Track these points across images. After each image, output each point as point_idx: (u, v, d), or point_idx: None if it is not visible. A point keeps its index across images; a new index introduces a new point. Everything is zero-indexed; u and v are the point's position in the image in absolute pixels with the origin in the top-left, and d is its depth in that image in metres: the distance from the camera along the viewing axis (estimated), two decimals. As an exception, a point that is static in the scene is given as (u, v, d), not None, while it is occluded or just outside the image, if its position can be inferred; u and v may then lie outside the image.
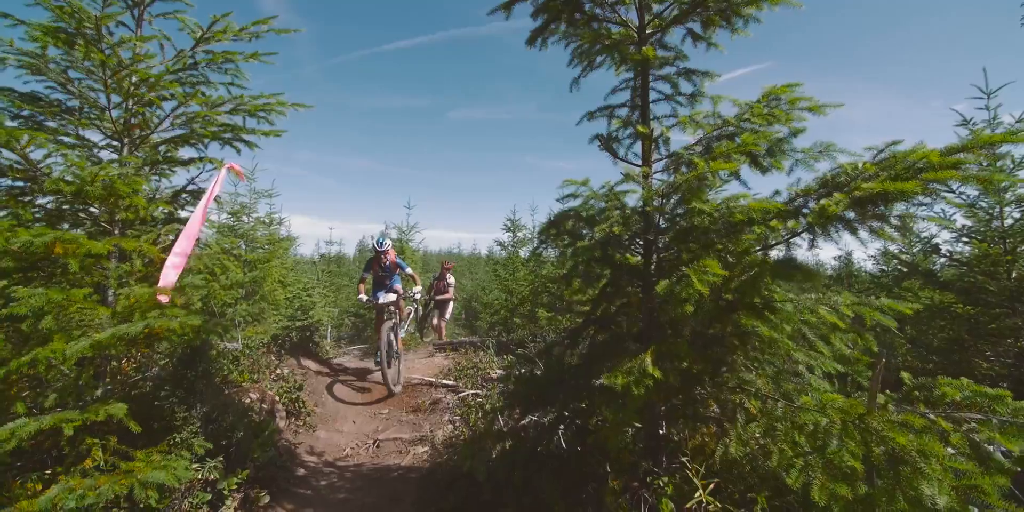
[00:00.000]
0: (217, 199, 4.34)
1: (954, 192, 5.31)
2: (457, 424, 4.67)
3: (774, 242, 2.28)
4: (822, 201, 1.97)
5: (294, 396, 4.64)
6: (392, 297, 5.99)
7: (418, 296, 6.54)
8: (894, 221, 2.08)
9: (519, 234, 10.89)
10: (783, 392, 2.20)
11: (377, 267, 6.30)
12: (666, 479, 2.18)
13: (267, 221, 9.68)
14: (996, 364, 6.15)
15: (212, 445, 2.85)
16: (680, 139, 2.91)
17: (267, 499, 2.94)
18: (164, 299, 2.73)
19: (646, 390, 1.96)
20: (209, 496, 2.74)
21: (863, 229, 1.98)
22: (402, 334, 6.46)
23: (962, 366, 6.34)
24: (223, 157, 3.99)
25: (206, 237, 4.27)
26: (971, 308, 6.73)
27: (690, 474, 1.98)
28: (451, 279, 9.27)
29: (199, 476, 2.77)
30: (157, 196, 3.72)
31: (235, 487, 2.83)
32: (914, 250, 7.61)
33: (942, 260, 8.21)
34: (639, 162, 2.89)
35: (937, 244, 8.38)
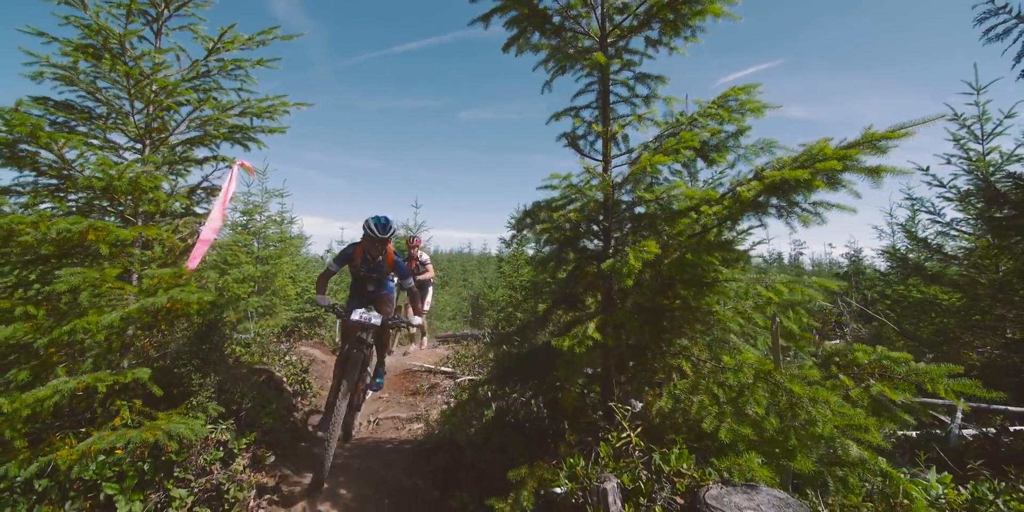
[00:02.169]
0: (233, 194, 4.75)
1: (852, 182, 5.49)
2: (451, 404, 5.02)
3: (712, 226, 2.59)
4: (738, 188, 2.28)
5: (300, 378, 5.02)
6: (375, 319, 3.64)
7: (417, 323, 4.03)
8: (807, 207, 2.40)
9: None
10: (713, 355, 2.51)
11: (360, 261, 4.01)
12: (614, 433, 2.51)
13: (279, 220, 10.15)
14: (985, 355, 6.36)
15: (224, 409, 3.24)
16: (647, 136, 3.20)
17: (272, 459, 3.31)
18: (192, 265, 3.17)
19: (587, 350, 2.29)
20: (221, 454, 3.12)
21: (775, 213, 2.29)
22: (370, 383, 4.17)
23: (951, 357, 6.56)
24: (233, 156, 4.40)
25: (220, 234, 4.66)
26: (957, 300, 6.93)
27: (624, 423, 2.31)
28: (424, 256, 7.32)
29: (213, 436, 3.16)
30: (175, 191, 4.11)
31: (244, 447, 3.20)
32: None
33: (934, 254, 8.40)
34: (600, 158, 3.22)
35: (926, 238, 8.60)
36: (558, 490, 2.26)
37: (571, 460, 2.24)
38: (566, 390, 2.63)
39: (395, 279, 4.58)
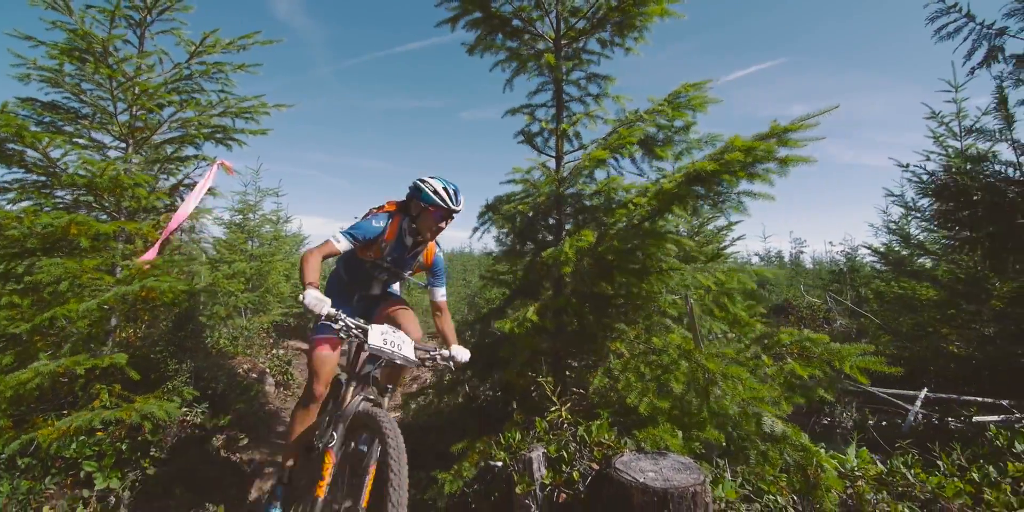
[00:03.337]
0: (212, 190, 4.95)
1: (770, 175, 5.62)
2: (430, 395, 5.19)
3: (646, 217, 2.75)
4: (661, 181, 2.44)
5: (284, 369, 5.21)
6: (407, 350, 2.21)
7: (465, 359, 2.53)
8: (733, 197, 2.56)
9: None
10: (646, 338, 2.67)
11: (390, 246, 2.60)
12: (553, 410, 2.67)
13: (274, 219, 10.36)
14: (962, 349, 6.47)
15: (199, 394, 3.42)
16: (601, 132, 3.35)
17: (246, 441, 3.50)
18: (150, 255, 3.33)
19: (528, 332, 2.45)
20: (197, 435, 3.30)
21: (695, 203, 2.45)
22: None
23: (930, 351, 6.67)
24: (215, 156, 4.59)
25: (199, 226, 4.85)
26: (934, 295, 7.03)
27: (554, 399, 2.47)
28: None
29: (188, 418, 3.34)
30: (156, 189, 4.31)
31: (218, 429, 3.39)
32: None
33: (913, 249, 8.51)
34: (554, 154, 3.38)
35: (907, 233, 8.71)
36: (498, 463, 2.42)
37: (508, 434, 2.40)
38: (511, 370, 2.78)
39: (398, 284, 3.11)
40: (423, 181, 2.50)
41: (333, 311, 2.06)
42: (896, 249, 8.53)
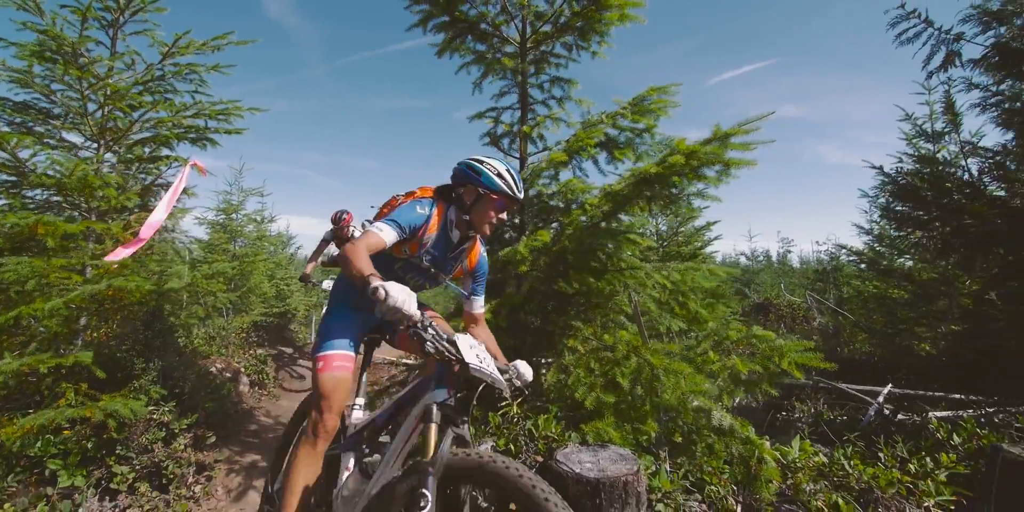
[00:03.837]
0: (186, 191, 4.97)
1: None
2: (397, 391, 5.24)
3: (599, 218, 2.82)
4: (611, 183, 2.51)
5: (259, 369, 5.24)
6: (493, 370, 1.68)
7: (528, 375, 1.96)
8: (683, 197, 2.63)
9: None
10: (599, 335, 2.74)
11: (433, 241, 2.05)
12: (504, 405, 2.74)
13: (257, 219, 10.34)
14: (933, 346, 6.61)
15: (167, 392, 3.45)
16: (564, 134, 3.42)
17: (213, 439, 3.53)
18: (117, 256, 3.34)
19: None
20: (163, 433, 3.33)
21: (646, 204, 2.52)
22: None
23: (901, 348, 6.80)
24: (188, 155, 4.62)
25: (171, 226, 4.87)
26: (904, 293, 7.17)
27: (506, 394, 2.53)
28: (358, 234, 4.58)
29: (156, 417, 3.36)
30: (127, 189, 4.32)
31: (185, 427, 3.41)
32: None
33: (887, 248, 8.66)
34: (518, 155, 3.45)
35: (881, 233, 8.84)
36: (453, 457, 2.48)
37: (462, 429, 2.46)
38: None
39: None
40: (479, 161, 2.01)
41: (415, 314, 1.51)
42: (876, 248, 8.70)
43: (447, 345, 1.59)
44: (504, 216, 2.04)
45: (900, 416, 3.54)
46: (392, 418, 1.96)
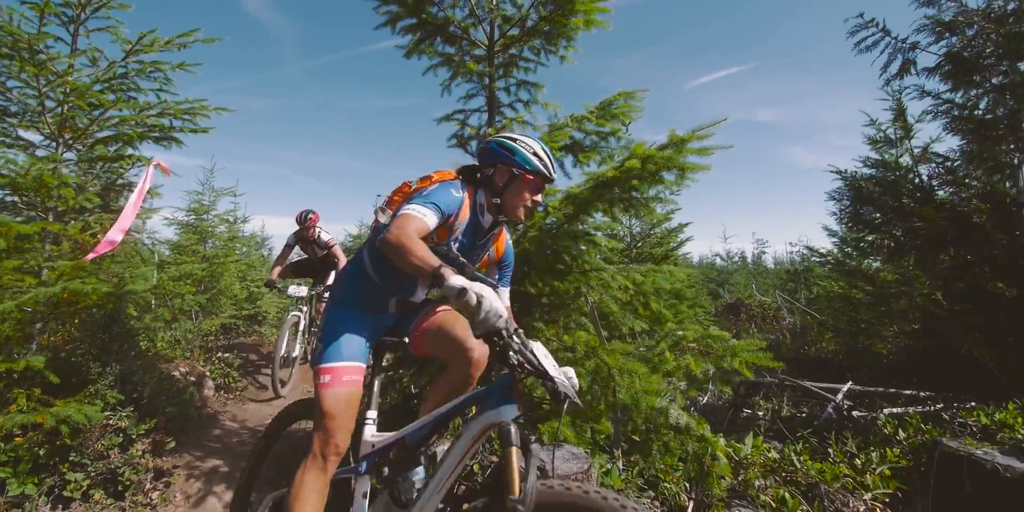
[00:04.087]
0: (151, 191, 4.88)
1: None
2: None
3: (562, 221, 2.86)
4: (570, 188, 2.55)
5: (225, 372, 5.15)
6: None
7: (575, 379, 1.66)
8: (643, 201, 2.69)
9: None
10: (559, 336, 2.78)
11: (463, 228, 1.90)
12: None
13: (230, 219, 10.17)
14: (894, 345, 6.82)
15: (124, 397, 3.37)
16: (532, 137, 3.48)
17: (173, 444, 3.46)
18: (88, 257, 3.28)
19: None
20: (120, 439, 3.25)
21: (607, 207, 2.57)
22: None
23: (863, 347, 7.00)
24: (152, 155, 4.53)
25: (136, 227, 4.78)
26: (865, 293, 7.39)
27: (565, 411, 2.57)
28: (325, 236, 5.56)
29: (112, 422, 3.29)
30: (87, 189, 4.23)
31: (143, 433, 3.34)
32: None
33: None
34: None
35: (845, 235, 9.08)
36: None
37: (422, 431, 2.47)
38: (430, 371, 2.86)
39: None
40: (512, 138, 1.85)
41: (500, 321, 1.31)
42: (844, 250, 8.95)
43: (531, 356, 1.37)
44: (539, 198, 1.89)
45: (855, 413, 3.65)
46: (427, 437, 1.73)
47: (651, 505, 2.17)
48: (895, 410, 3.66)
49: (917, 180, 4.00)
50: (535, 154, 1.82)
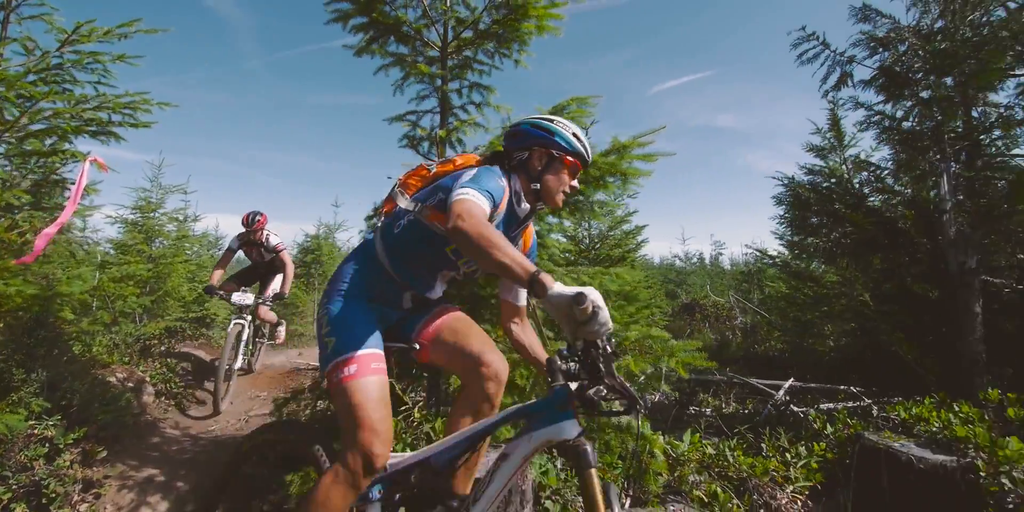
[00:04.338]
0: (88, 188, 4.66)
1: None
2: (306, 399, 5.07)
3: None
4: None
5: (167, 378, 4.96)
6: None
7: None
8: (588, 204, 2.74)
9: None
10: (504, 337, 2.80)
11: (502, 218, 1.73)
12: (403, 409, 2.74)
13: (180, 218, 9.79)
14: (835, 343, 7.14)
15: (51, 405, 3.20)
16: (484, 140, 3.46)
17: (104, 454, 3.30)
18: (30, 259, 3.10)
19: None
20: (45, 449, 3.08)
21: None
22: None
23: (807, 345, 7.31)
24: (88, 150, 4.32)
25: (68, 226, 4.55)
26: (808, 294, 7.72)
27: (405, 399, 2.55)
28: (274, 239, 5.31)
29: (37, 431, 3.11)
30: (13, 185, 4.00)
31: (72, 442, 3.18)
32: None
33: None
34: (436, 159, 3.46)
35: (790, 237, 9.44)
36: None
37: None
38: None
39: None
40: (551, 120, 1.72)
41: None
42: (793, 251, 9.33)
43: (613, 369, 1.26)
44: (575, 184, 1.76)
45: (794, 408, 3.81)
46: (456, 459, 1.52)
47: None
48: (830, 406, 3.84)
49: (852, 187, 4.23)
50: (575, 135, 1.71)
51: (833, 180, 4.68)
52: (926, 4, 4.73)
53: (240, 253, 5.50)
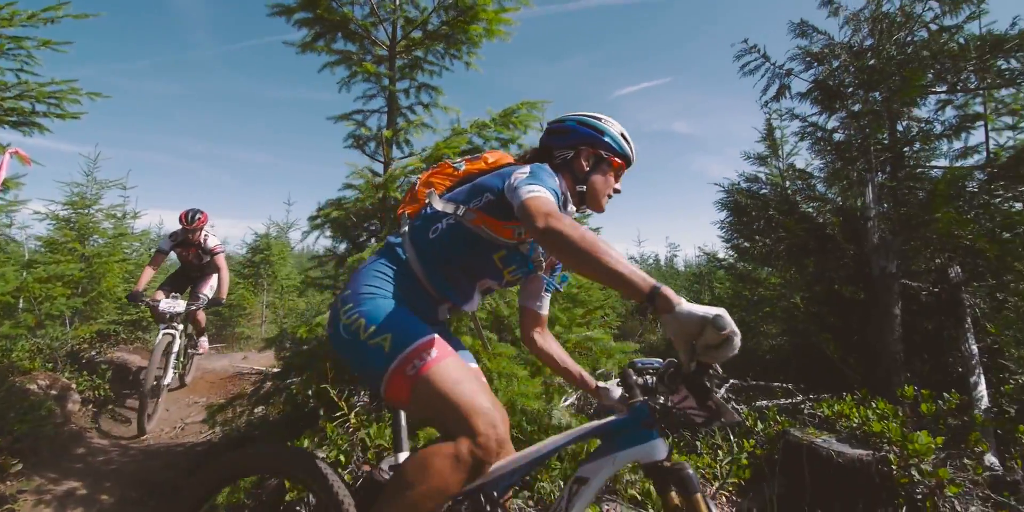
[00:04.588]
0: (7, 182, 4.35)
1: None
2: (242, 405, 4.86)
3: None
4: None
5: (95, 384, 4.70)
6: None
7: None
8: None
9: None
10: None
11: None
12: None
13: (118, 214, 9.28)
14: (775, 343, 7.44)
15: (-43, 416, 2.97)
16: (431, 141, 3.44)
17: (20, 467, 3.09)
18: None
19: (318, 338, 2.45)
20: (-49, 463, 2.87)
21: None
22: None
23: (750, 345, 7.58)
24: (8, 142, 4.03)
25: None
26: (751, 296, 8.05)
27: (342, 405, 2.52)
28: (212, 241, 4.94)
29: (-59, 445, 2.89)
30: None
31: (-18, 455, 2.97)
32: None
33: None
34: (382, 159, 3.42)
35: (734, 240, 9.79)
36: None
37: (298, 441, 2.39)
38: (309, 377, 2.77)
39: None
40: (599, 118, 1.62)
41: None
42: (737, 255, 9.70)
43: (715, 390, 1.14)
44: (620, 187, 1.65)
45: (733, 406, 3.96)
46: (513, 484, 1.36)
47: (525, 504, 2.23)
48: (764, 403, 4.02)
49: (787, 195, 4.45)
50: (623, 136, 1.61)
51: (770, 187, 4.91)
52: (857, 23, 5.03)
53: (172, 255, 5.05)
